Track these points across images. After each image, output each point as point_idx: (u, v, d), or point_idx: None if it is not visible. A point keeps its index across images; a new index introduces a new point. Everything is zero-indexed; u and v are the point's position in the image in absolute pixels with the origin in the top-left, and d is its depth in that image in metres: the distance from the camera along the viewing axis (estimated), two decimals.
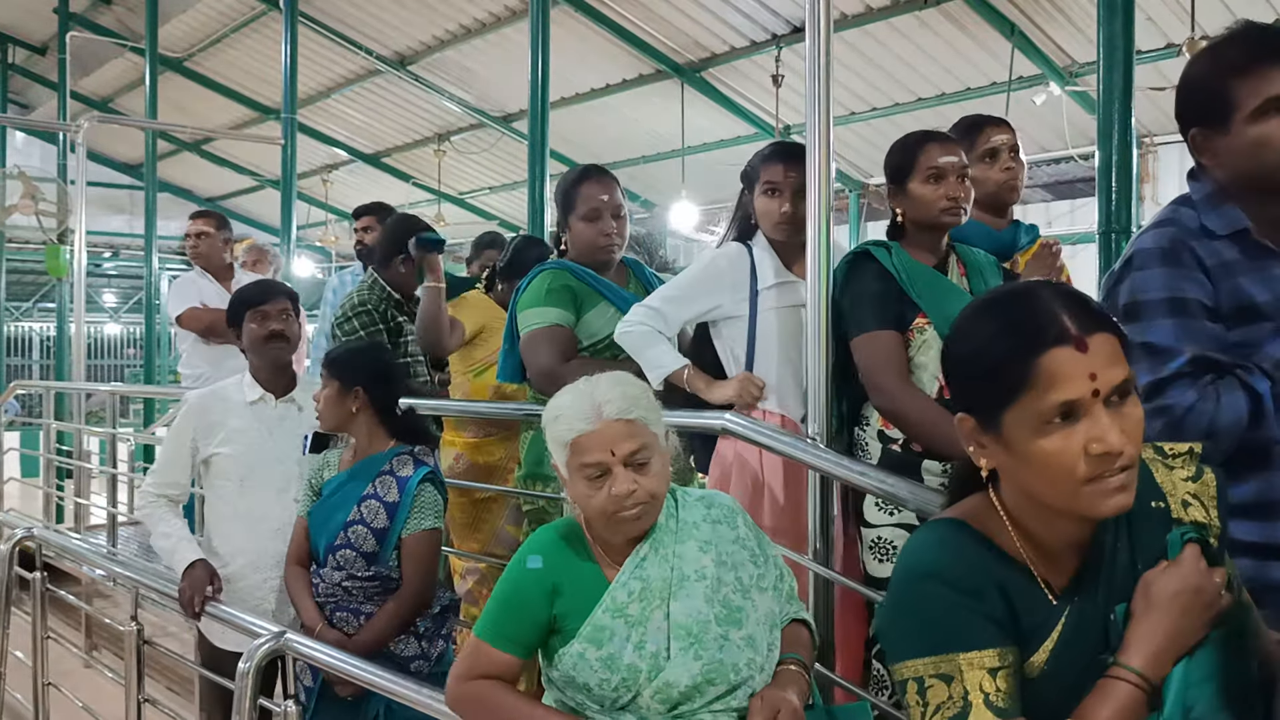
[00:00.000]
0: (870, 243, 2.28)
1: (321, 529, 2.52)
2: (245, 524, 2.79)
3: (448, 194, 13.51)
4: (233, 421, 2.81)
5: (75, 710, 3.58)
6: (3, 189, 8.53)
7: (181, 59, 12.15)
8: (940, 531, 1.17)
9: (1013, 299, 1.11)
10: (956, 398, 1.16)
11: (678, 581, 1.60)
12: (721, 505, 1.71)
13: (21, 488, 8.31)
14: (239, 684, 2.23)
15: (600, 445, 1.56)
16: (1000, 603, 1.10)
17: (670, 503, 1.67)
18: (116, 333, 20.01)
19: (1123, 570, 1.12)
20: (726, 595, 1.60)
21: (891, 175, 2.32)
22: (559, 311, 2.65)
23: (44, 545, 3.59)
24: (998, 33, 7.55)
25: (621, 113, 10.53)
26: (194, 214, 5.15)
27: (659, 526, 1.64)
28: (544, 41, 5.61)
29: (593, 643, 1.57)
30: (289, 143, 7.78)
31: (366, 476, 2.53)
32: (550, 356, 2.61)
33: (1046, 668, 1.10)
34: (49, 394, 7.24)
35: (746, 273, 2.49)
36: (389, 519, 2.49)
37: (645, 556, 1.61)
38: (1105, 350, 1.05)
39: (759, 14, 8.40)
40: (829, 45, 2.14)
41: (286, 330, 2.83)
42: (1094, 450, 1.02)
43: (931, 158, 2.23)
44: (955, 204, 2.22)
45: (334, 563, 2.49)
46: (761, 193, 2.47)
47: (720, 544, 1.64)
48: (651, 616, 1.58)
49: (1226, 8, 6.77)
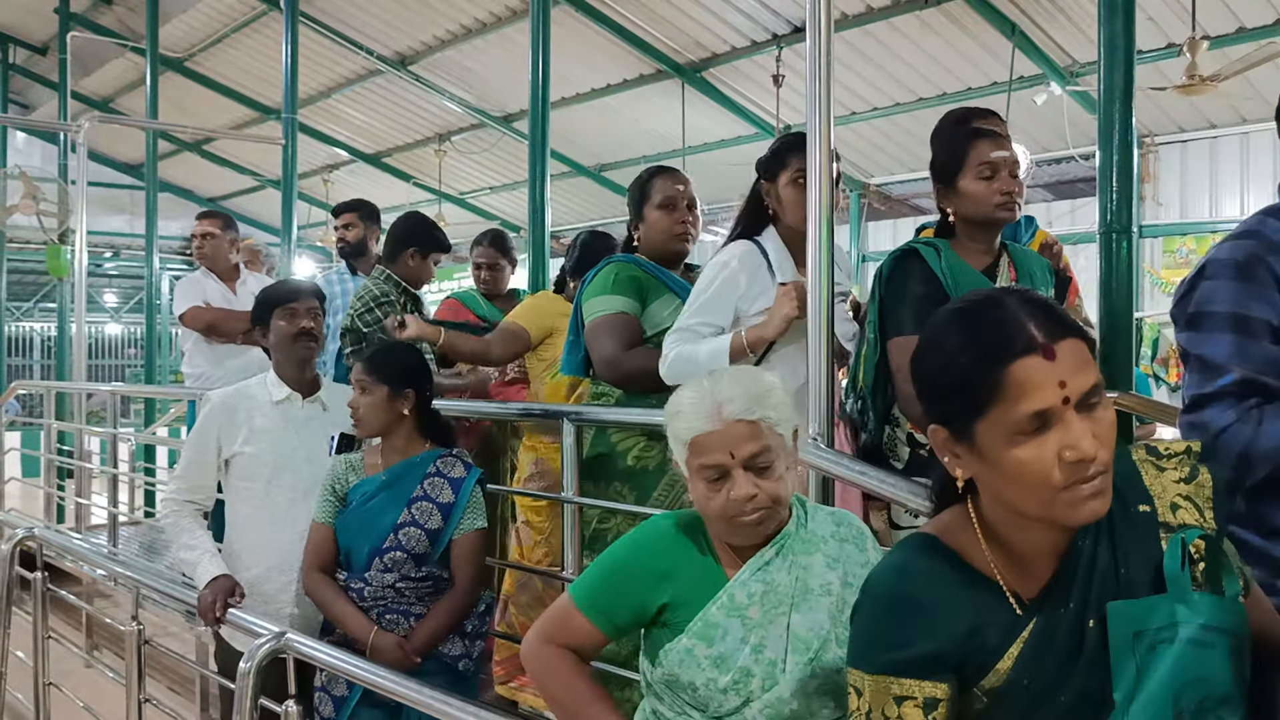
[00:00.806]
0: (919, 241, 2.23)
1: (362, 534, 2.48)
2: (270, 526, 2.73)
3: (448, 194, 13.51)
4: (257, 420, 2.76)
5: (76, 710, 3.59)
6: (4, 189, 8.53)
7: (182, 59, 12.15)
8: (909, 552, 1.18)
9: (979, 308, 1.10)
10: (928, 409, 1.15)
11: (801, 593, 1.53)
12: (851, 525, 1.64)
13: (22, 488, 8.32)
14: (240, 684, 2.23)
15: (720, 446, 1.48)
16: (959, 624, 1.10)
17: (799, 511, 1.60)
18: (117, 333, 20.01)
19: (1103, 575, 1.11)
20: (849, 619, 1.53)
21: (939, 174, 2.26)
22: (625, 300, 2.64)
23: (45, 545, 3.59)
24: (998, 32, 7.55)
25: (622, 113, 10.53)
26: (200, 214, 5.13)
27: (787, 533, 1.56)
28: (544, 41, 5.60)
29: (703, 639, 1.50)
30: (290, 143, 7.76)
31: (412, 479, 2.51)
32: (614, 344, 2.61)
33: (1012, 675, 1.10)
34: (50, 394, 7.24)
35: (763, 269, 2.47)
36: (444, 519, 2.49)
37: (770, 561, 1.54)
38: (1074, 356, 1.04)
39: (760, 14, 8.40)
40: (830, 45, 2.13)
41: (315, 329, 2.81)
42: (1068, 457, 1.02)
43: (983, 153, 2.19)
44: (1010, 198, 2.19)
45: (381, 565, 2.45)
46: (791, 181, 2.45)
47: (848, 564, 1.57)
48: (774, 623, 1.51)
49: (1227, 7, 6.77)
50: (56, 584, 3.83)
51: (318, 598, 2.52)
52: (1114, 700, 1.08)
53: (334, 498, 2.55)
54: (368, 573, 2.46)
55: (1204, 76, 5.81)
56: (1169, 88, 6.19)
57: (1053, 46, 7.72)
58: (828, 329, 2.14)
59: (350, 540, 2.50)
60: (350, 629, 2.44)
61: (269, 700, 2.29)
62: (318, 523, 2.55)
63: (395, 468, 2.53)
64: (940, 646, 1.10)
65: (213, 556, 2.69)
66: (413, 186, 13.74)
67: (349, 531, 2.51)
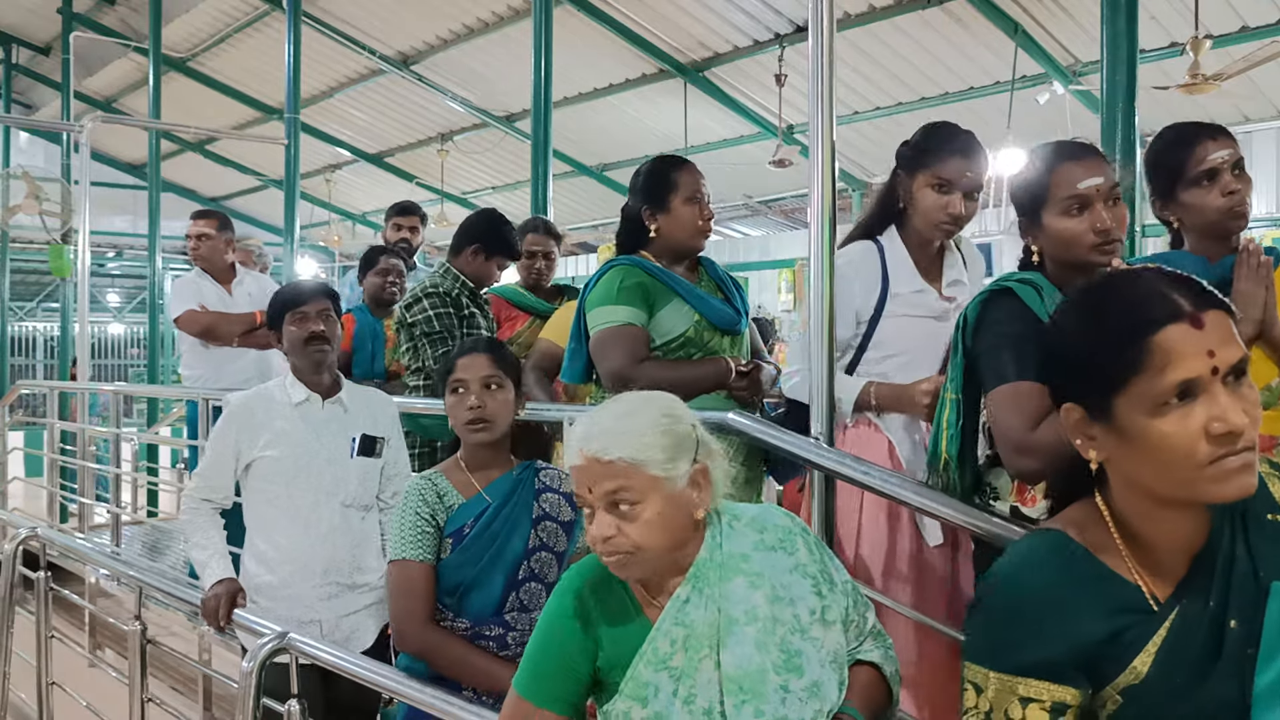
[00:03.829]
0: (1012, 277, 1.86)
1: (491, 567, 2.09)
2: (293, 529, 2.65)
3: (451, 194, 13.51)
4: (277, 423, 2.68)
5: (79, 710, 3.59)
6: (6, 189, 8.53)
7: (185, 59, 12.17)
8: (1037, 549, 1.14)
9: (1120, 281, 1.07)
10: (1058, 391, 1.11)
11: (725, 626, 1.39)
12: (776, 527, 1.49)
13: (25, 487, 8.33)
14: (242, 684, 2.22)
15: (581, 481, 1.40)
16: (1094, 624, 1.07)
17: (715, 530, 1.46)
18: (120, 332, 20.03)
19: (1242, 579, 1.07)
20: (784, 637, 1.39)
21: (1022, 206, 1.88)
22: (630, 310, 2.51)
23: (48, 545, 3.59)
24: (1001, 32, 7.54)
25: (624, 112, 10.53)
26: (195, 214, 5.07)
27: (700, 561, 1.43)
28: (547, 41, 5.61)
29: (637, 700, 1.40)
30: (292, 143, 7.78)
31: (525, 496, 2.16)
32: (621, 358, 2.46)
33: (1151, 673, 1.07)
34: (53, 394, 7.24)
35: (876, 273, 2.30)
36: (567, 539, 2.18)
37: (687, 599, 1.41)
38: (1222, 327, 1.01)
39: (762, 13, 8.40)
40: (832, 44, 2.13)
41: (327, 331, 2.70)
42: (1215, 430, 0.98)
43: (1069, 183, 1.78)
44: (1106, 237, 1.77)
45: (518, 603, 2.10)
46: (929, 185, 2.24)
47: (774, 575, 1.43)
48: (700, 667, 1.39)
49: (1230, 6, 6.76)
50: (59, 584, 3.83)
51: (447, 657, 2.07)
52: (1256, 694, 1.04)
53: (432, 528, 2.10)
54: (505, 615, 2.09)
55: (1207, 76, 5.80)
56: (1172, 87, 6.17)
57: (1055, 46, 7.71)
58: (830, 329, 2.14)
59: (475, 576, 2.09)
60: None
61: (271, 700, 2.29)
62: (417, 562, 2.07)
63: (499, 484, 2.16)
64: (1073, 648, 1.06)
65: (220, 558, 2.66)
66: (415, 186, 13.75)
67: (471, 566, 2.09)
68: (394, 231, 4.81)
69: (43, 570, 3.52)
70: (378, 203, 13.99)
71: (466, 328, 3.39)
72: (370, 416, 2.75)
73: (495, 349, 2.23)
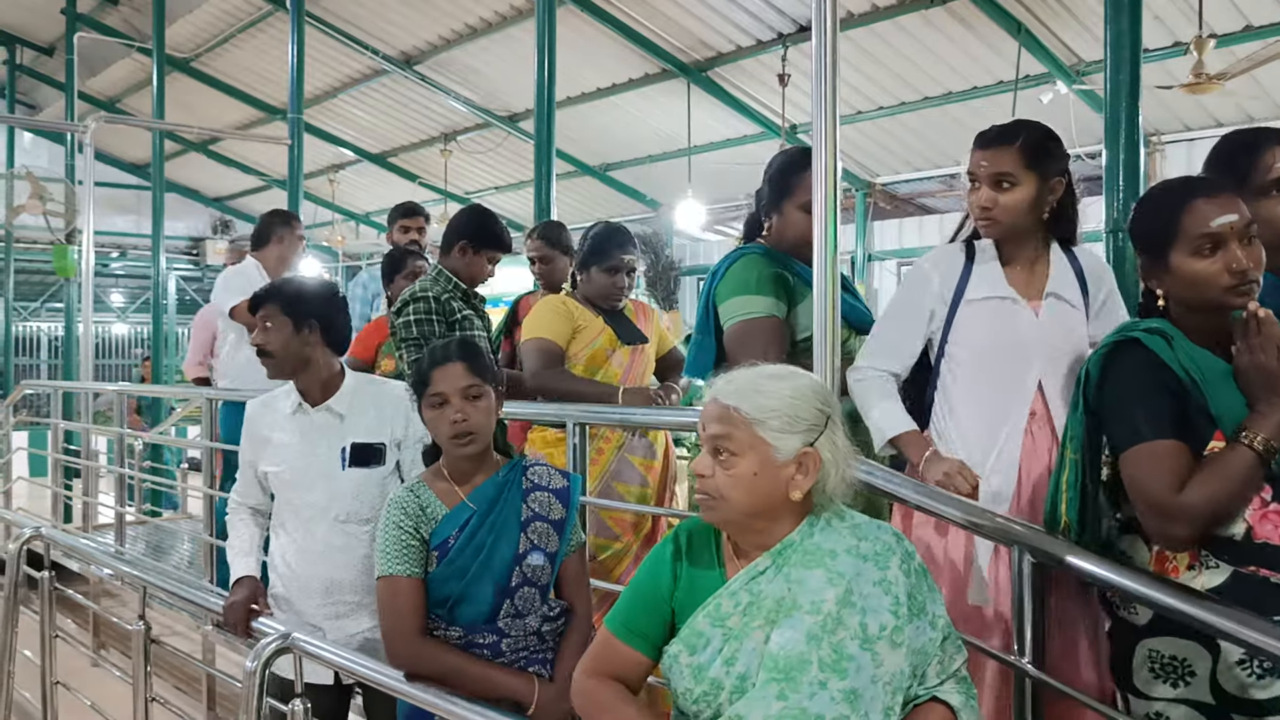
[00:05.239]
0: (1139, 325, 1.75)
1: (481, 575, 2.05)
2: (292, 547, 2.54)
3: (454, 193, 13.52)
4: (277, 435, 2.57)
5: (83, 709, 3.60)
6: (11, 189, 8.56)
7: (188, 59, 12.17)
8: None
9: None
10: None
11: (788, 608, 1.43)
12: (876, 540, 1.50)
13: (30, 487, 8.35)
14: (246, 683, 2.23)
15: (702, 417, 1.52)
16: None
17: (814, 521, 1.51)
18: (124, 332, 20.04)
19: None
20: (841, 640, 1.40)
21: (1145, 245, 1.78)
22: (771, 301, 2.37)
23: (52, 545, 3.60)
24: (1004, 31, 7.53)
25: (627, 112, 10.52)
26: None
27: (788, 542, 1.48)
28: (550, 41, 5.61)
29: (687, 646, 1.47)
30: (295, 143, 7.80)
31: (512, 498, 2.11)
32: (769, 353, 2.26)
33: None
34: (57, 394, 7.26)
35: (955, 275, 2.17)
36: (559, 539, 2.12)
37: (764, 570, 1.47)
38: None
39: (765, 13, 8.39)
40: (835, 44, 2.14)
41: (264, 342, 2.51)
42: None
43: (1201, 221, 1.67)
44: (1244, 278, 1.66)
45: (512, 609, 2.06)
46: None
47: (856, 582, 1.44)
48: (750, 636, 1.43)
49: (1234, 6, 6.74)
50: (63, 583, 3.84)
51: (441, 669, 2.02)
52: None
53: (417, 541, 2.06)
54: (499, 621, 2.05)
55: (1210, 75, 5.79)
56: (1175, 86, 6.16)
57: (1059, 45, 7.70)
58: (834, 331, 2.13)
59: (465, 586, 2.05)
60: (509, 690, 2.02)
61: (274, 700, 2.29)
62: (405, 578, 2.04)
63: (484, 489, 2.10)
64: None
65: (243, 557, 2.60)
66: (418, 186, 13.75)
67: (459, 577, 2.05)
68: (400, 234, 4.79)
69: (47, 570, 3.53)
70: (381, 203, 13.98)
71: (453, 330, 3.31)
72: (375, 419, 2.54)
73: (470, 355, 2.13)
